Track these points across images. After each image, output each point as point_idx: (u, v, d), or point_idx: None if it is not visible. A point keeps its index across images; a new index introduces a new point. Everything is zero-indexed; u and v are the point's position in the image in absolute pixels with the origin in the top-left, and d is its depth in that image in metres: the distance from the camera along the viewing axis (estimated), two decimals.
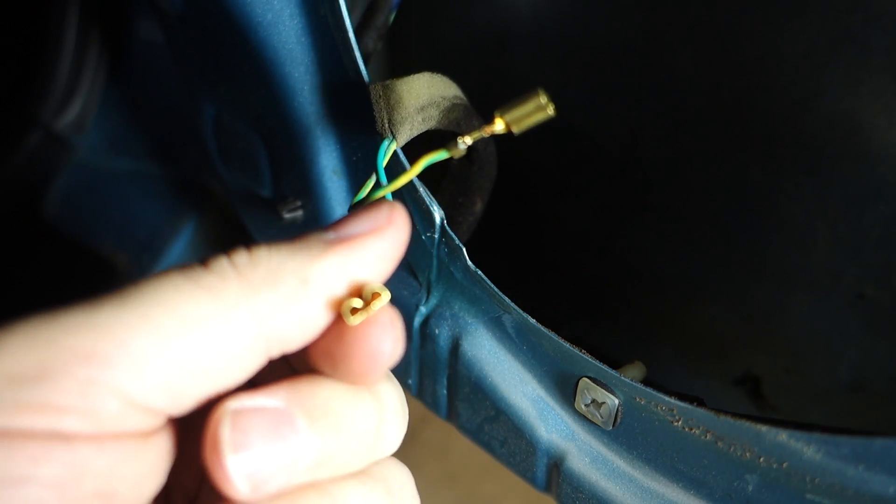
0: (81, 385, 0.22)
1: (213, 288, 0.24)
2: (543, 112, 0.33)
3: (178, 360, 0.24)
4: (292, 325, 0.26)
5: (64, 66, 0.74)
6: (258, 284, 0.25)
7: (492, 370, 0.45)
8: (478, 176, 0.47)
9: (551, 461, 0.44)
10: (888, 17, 0.50)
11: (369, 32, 0.46)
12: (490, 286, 0.42)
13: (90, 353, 0.22)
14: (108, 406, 0.23)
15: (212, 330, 0.24)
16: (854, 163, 0.53)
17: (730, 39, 0.56)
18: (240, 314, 0.25)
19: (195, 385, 0.24)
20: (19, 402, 0.22)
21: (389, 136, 0.37)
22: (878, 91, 0.51)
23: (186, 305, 0.24)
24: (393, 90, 0.37)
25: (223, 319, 0.24)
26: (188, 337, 0.24)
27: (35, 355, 0.22)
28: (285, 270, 0.26)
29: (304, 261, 0.26)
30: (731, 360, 0.60)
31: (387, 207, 0.28)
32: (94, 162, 0.81)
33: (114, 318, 0.23)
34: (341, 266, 0.27)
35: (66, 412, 0.22)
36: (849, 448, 0.31)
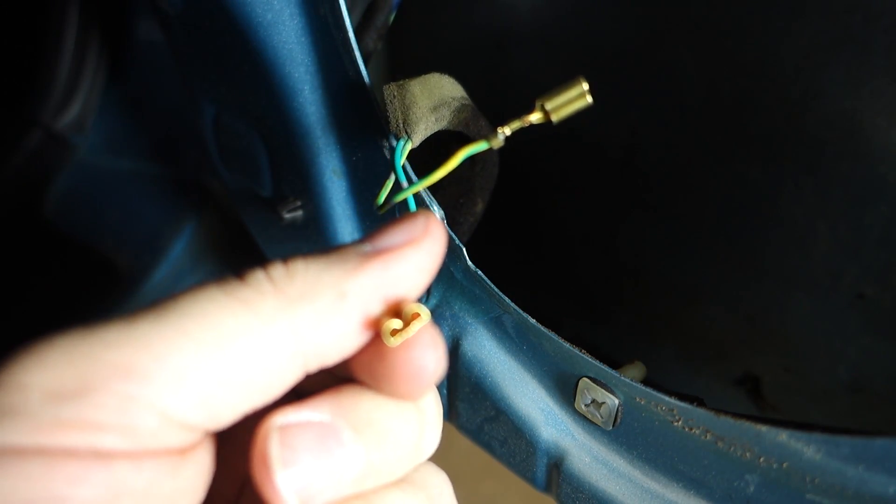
0: (120, 401, 0.22)
1: (250, 301, 0.24)
2: (583, 100, 0.33)
3: (217, 376, 0.23)
4: (330, 340, 0.26)
5: (64, 66, 0.74)
6: (295, 298, 0.25)
7: (492, 370, 0.45)
8: (480, 177, 0.47)
9: (551, 461, 0.44)
10: (888, 17, 0.50)
11: (369, 32, 0.46)
12: (490, 286, 0.42)
13: (129, 367, 0.22)
14: (147, 422, 0.22)
15: (250, 344, 0.24)
16: (854, 163, 0.53)
17: (730, 39, 0.56)
18: (277, 328, 0.24)
19: (233, 400, 0.24)
20: (59, 420, 0.21)
21: (405, 136, 0.37)
22: (878, 91, 0.51)
23: (224, 319, 0.24)
24: (408, 90, 0.37)
25: (261, 334, 0.24)
26: (226, 351, 0.23)
27: (74, 370, 0.22)
28: (322, 284, 0.25)
29: (340, 274, 0.26)
30: (731, 360, 0.60)
31: (423, 218, 0.27)
32: (94, 162, 0.81)
33: (152, 333, 0.23)
34: (379, 279, 0.26)
35: (105, 429, 0.22)
36: (849, 448, 0.31)
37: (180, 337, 0.23)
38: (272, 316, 0.24)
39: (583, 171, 0.66)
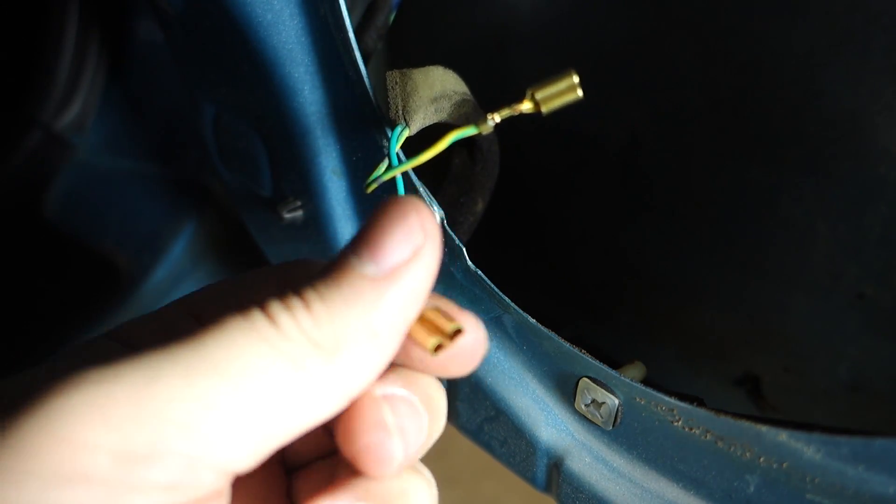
0: (185, 462, 0.23)
1: (294, 359, 0.25)
2: (574, 93, 0.33)
3: (268, 432, 0.25)
4: (370, 376, 0.27)
5: (64, 66, 0.74)
6: (333, 349, 0.26)
7: (492, 370, 0.45)
8: (481, 176, 0.47)
9: (551, 461, 0.44)
10: (888, 17, 0.50)
11: (369, 32, 0.46)
12: (490, 286, 0.42)
13: (191, 428, 0.23)
14: (207, 479, 0.24)
15: (298, 398, 0.25)
16: (854, 163, 0.53)
17: (730, 39, 0.56)
18: (323, 384, 0.25)
19: (276, 446, 0.26)
20: (132, 484, 0.23)
21: (403, 123, 0.37)
22: (878, 91, 0.51)
23: (278, 380, 0.25)
24: (410, 78, 0.38)
25: (308, 389, 0.25)
26: (276, 406, 0.25)
27: (142, 433, 0.23)
28: (352, 328, 0.26)
29: (364, 313, 0.26)
30: (731, 360, 0.60)
31: (416, 217, 0.27)
32: (94, 162, 0.81)
33: (213, 391, 0.24)
34: (402, 305, 0.27)
35: (171, 489, 0.23)
36: (849, 448, 0.31)
37: (236, 394, 0.24)
38: (319, 373, 0.25)
39: (583, 171, 0.66)
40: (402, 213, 0.27)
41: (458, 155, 0.48)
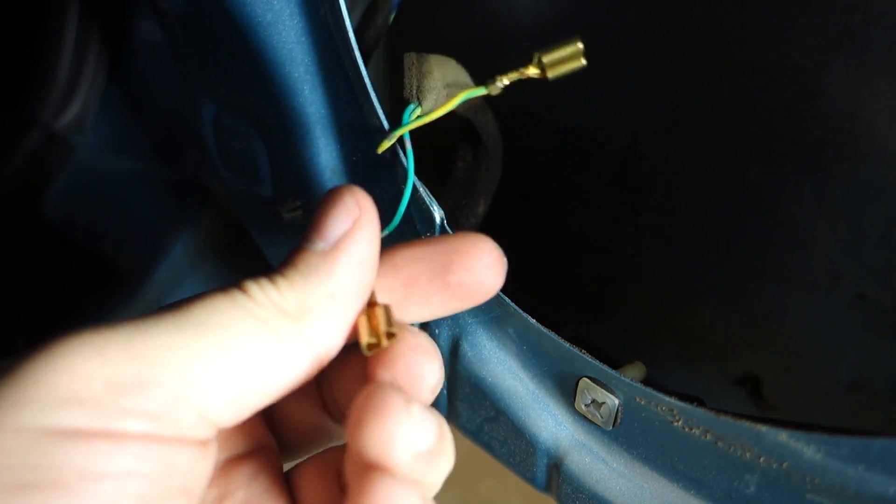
0: (171, 397, 0.26)
1: (265, 320, 0.29)
2: (578, 60, 0.35)
3: (247, 386, 0.28)
4: (335, 338, 0.30)
5: (64, 66, 0.74)
6: (296, 313, 0.29)
7: (492, 370, 0.45)
8: (483, 178, 0.47)
9: (551, 461, 0.44)
10: (888, 17, 0.50)
11: (369, 32, 0.46)
12: None
13: (180, 370, 0.26)
14: (189, 418, 0.27)
15: (272, 357, 0.29)
16: (854, 163, 0.53)
17: (730, 39, 0.56)
18: (292, 341, 0.29)
19: (255, 405, 0.29)
20: (122, 408, 0.25)
21: (416, 101, 0.39)
22: (878, 91, 0.51)
23: (253, 338, 0.28)
24: (426, 61, 0.39)
25: (280, 348, 0.29)
26: (255, 363, 0.28)
27: (134, 367, 0.26)
28: (311, 295, 0.30)
29: (320, 281, 0.30)
30: (731, 360, 0.60)
31: (350, 197, 0.31)
32: (94, 162, 0.81)
33: (197, 343, 0.27)
34: (351, 270, 0.31)
35: (158, 418, 0.26)
36: (849, 448, 0.31)
37: (221, 351, 0.27)
38: (289, 335, 0.29)
39: (583, 171, 0.66)
40: (338, 195, 0.31)
41: (463, 156, 0.48)
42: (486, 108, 0.43)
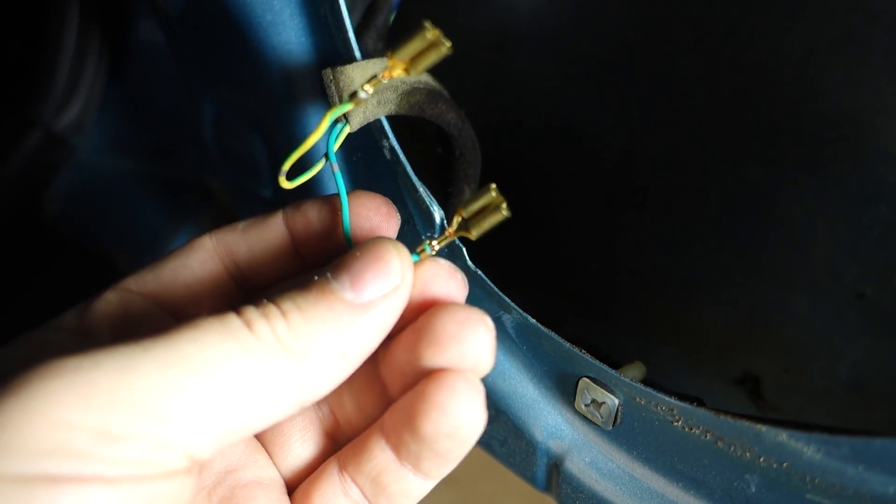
0: (157, 444, 0.26)
1: (263, 359, 0.28)
2: (437, 50, 0.32)
3: (230, 425, 0.27)
4: (328, 388, 0.30)
5: (64, 66, 0.74)
6: (300, 356, 0.28)
7: (492, 370, 0.45)
8: (461, 163, 0.46)
9: (551, 461, 0.44)
10: (888, 17, 0.50)
11: (369, 32, 0.46)
12: (490, 286, 0.42)
13: (168, 417, 0.26)
14: (173, 460, 0.27)
15: (261, 398, 0.28)
16: (854, 163, 0.53)
17: (730, 39, 0.56)
18: (286, 385, 0.28)
19: (239, 439, 0.28)
20: (108, 457, 0.25)
21: (343, 121, 0.37)
22: (878, 91, 0.51)
23: (247, 379, 0.27)
24: (343, 73, 0.37)
25: (272, 389, 0.28)
26: (240, 402, 0.27)
27: (121, 415, 0.25)
28: (323, 343, 0.29)
29: (336, 332, 0.29)
30: (731, 360, 0.60)
31: (398, 262, 0.30)
32: (94, 162, 0.81)
33: (187, 385, 0.26)
34: (371, 335, 0.30)
35: (145, 464, 0.26)
36: (849, 448, 0.31)
37: (206, 389, 0.27)
38: (282, 373, 0.28)
39: (582, 171, 0.66)
40: (386, 254, 0.30)
41: (436, 147, 0.47)
42: (436, 98, 0.41)
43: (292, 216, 0.37)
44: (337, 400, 0.37)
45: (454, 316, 0.31)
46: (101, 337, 0.33)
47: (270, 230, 0.37)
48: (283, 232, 0.37)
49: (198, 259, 0.36)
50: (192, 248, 0.37)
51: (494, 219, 0.33)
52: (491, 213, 0.33)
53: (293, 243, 0.37)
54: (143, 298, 0.35)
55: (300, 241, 0.37)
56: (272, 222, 0.37)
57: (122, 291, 0.35)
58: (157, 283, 0.35)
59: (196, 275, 0.36)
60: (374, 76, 0.34)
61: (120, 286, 0.35)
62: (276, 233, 0.37)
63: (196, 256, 0.36)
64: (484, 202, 0.33)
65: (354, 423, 0.36)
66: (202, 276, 0.36)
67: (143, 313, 0.35)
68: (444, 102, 0.41)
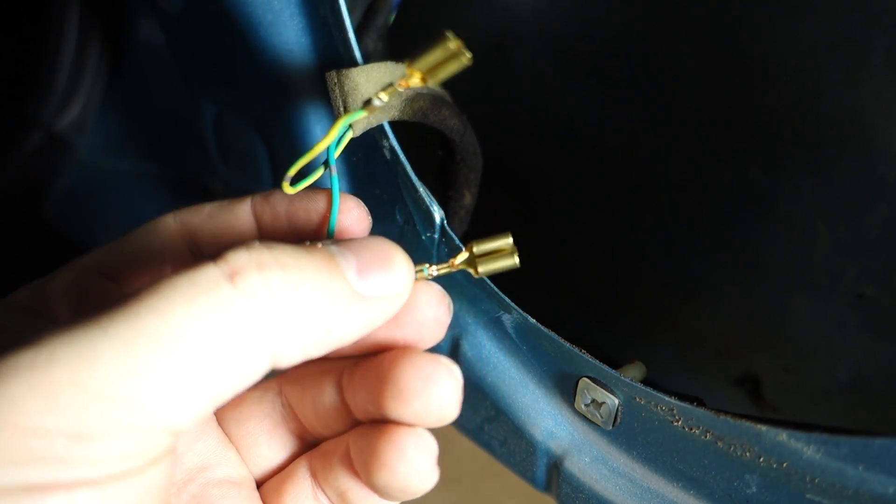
0: (136, 434, 0.24)
1: (240, 314, 0.25)
2: (457, 60, 0.31)
3: (208, 394, 0.25)
4: (301, 360, 0.28)
5: (64, 66, 0.74)
6: (285, 320, 0.26)
7: (492, 370, 0.45)
8: (462, 168, 0.46)
9: (551, 461, 0.44)
10: (888, 17, 0.50)
11: (369, 33, 0.46)
12: (490, 286, 0.42)
13: (134, 401, 0.24)
14: (155, 443, 0.25)
15: (236, 359, 0.26)
16: (854, 163, 0.53)
17: (730, 39, 0.56)
18: (262, 344, 0.26)
19: (218, 405, 0.26)
20: (88, 459, 0.24)
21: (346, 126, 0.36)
22: (878, 91, 0.51)
23: (213, 339, 0.25)
24: (348, 77, 0.36)
25: (247, 348, 0.26)
26: (216, 370, 0.25)
27: (93, 413, 0.23)
28: (313, 314, 0.27)
29: (332, 309, 0.27)
30: (731, 360, 0.60)
31: (405, 272, 0.30)
32: (94, 162, 0.81)
33: (150, 362, 0.24)
34: (361, 327, 0.29)
35: (128, 458, 0.24)
36: (848, 448, 0.31)
37: (173, 361, 0.24)
38: (258, 330, 0.26)
39: (583, 171, 0.66)
40: (395, 257, 0.30)
41: (437, 151, 0.47)
42: (438, 104, 0.40)
43: (261, 205, 0.35)
44: (301, 410, 0.36)
45: (420, 371, 0.30)
46: (56, 315, 0.32)
47: (237, 217, 0.35)
48: (250, 220, 0.35)
49: (159, 240, 0.35)
50: (153, 229, 0.35)
51: (504, 265, 0.33)
52: (502, 258, 0.33)
53: (259, 233, 0.36)
54: (100, 277, 0.34)
55: (266, 232, 0.36)
56: (239, 209, 0.35)
57: (78, 270, 0.34)
58: (116, 263, 0.34)
59: (156, 256, 0.35)
60: (389, 84, 0.33)
61: (76, 265, 0.34)
62: (243, 220, 0.35)
63: (157, 237, 0.35)
64: (497, 246, 0.33)
65: (320, 431, 0.36)
66: (162, 258, 0.35)
67: (100, 292, 0.33)
68: (447, 108, 0.41)
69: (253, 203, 0.36)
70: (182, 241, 0.35)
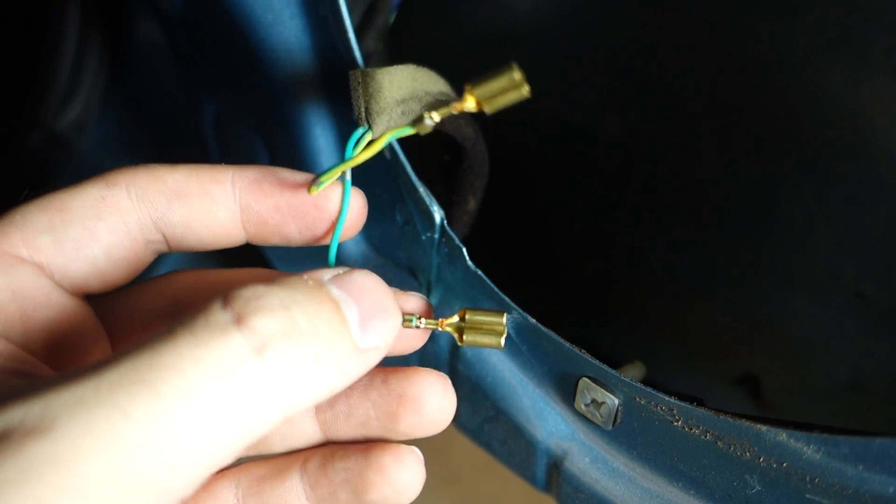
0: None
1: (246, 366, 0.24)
2: (518, 91, 0.30)
3: (220, 461, 0.24)
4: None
5: (64, 66, 0.74)
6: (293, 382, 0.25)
7: (492, 370, 0.45)
8: (468, 174, 0.46)
9: (551, 461, 0.44)
10: (888, 17, 0.50)
11: (369, 32, 0.46)
12: (490, 286, 0.42)
13: (160, 491, 0.23)
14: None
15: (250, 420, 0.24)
16: (854, 163, 0.53)
17: (730, 39, 0.56)
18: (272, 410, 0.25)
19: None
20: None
21: (365, 125, 0.36)
22: (878, 91, 0.51)
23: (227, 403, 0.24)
24: (373, 78, 0.36)
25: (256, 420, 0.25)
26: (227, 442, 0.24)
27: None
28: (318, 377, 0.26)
29: (335, 368, 0.27)
30: (731, 360, 0.60)
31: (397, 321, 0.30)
32: (94, 162, 0.81)
33: (181, 454, 0.23)
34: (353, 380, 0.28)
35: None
36: (848, 448, 0.31)
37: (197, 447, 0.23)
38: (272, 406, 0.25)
39: (582, 171, 0.66)
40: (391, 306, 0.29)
41: (444, 155, 0.47)
42: (456, 115, 0.41)
43: (247, 191, 0.33)
44: None
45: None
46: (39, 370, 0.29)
47: (214, 200, 0.33)
48: (231, 207, 0.33)
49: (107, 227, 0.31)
50: (103, 210, 0.31)
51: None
52: (491, 335, 0.33)
53: (242, 217, 0.33)
54: (34, 272, 0.30)
55: (250, 218, 0.33)
56: (217, 192, 0.33)
57: (8, 257, 0.30)
58: (55, 254, 0.30)
59: (106, 248, 0.31)
60: (444, 104, 0.33)
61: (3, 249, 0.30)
62: (222, 205, 0.33)
63: (107, 223, 0.31)
64: (490, 322, 0.33)
65: None
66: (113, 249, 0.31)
67: (39, 295, 0.30)
68: (462, 117, 0.41)
69: (234, 185, 0.33)
70: (136, 224, 0.32)
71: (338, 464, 0.33)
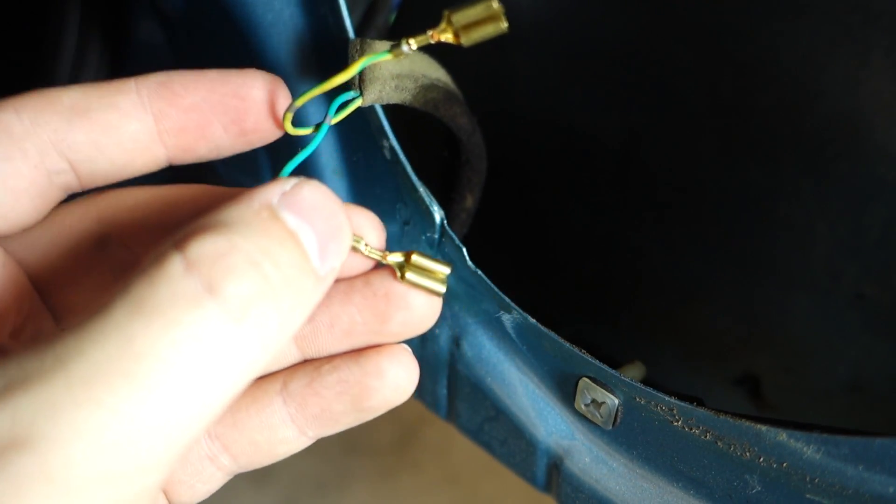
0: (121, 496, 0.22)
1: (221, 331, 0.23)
2: (496, 24, 0.30)
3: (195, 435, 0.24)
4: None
5: (65, 67, 0.74)
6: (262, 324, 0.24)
7: (492, 370, 0.45)
8: (466, 170, 0.46)
9: (551, 461, 0.44)
10: (888, 17, 0.50)
11: (370, 32, 0.46)
12: (490, 286, 0.42)
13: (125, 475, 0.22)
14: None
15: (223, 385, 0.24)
16: (854, 163, 0.53)
17: (730, 39, 0.56)
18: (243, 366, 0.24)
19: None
20: None
21: (357, 90, 0.35)
22: (878, 91, 0.51)
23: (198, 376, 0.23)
24: (371, 47, 0.35)
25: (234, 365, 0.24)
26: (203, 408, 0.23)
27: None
28: (287, 311, 0.25)
29: (304, 304, 0.26)
30: (731, 360, 0.60)
31: (350, 235, 0.28)
32: None
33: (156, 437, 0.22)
34: (314, 304, 0.27)
35: None
36: (848, 448, 0.31)
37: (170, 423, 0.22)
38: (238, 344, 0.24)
39: (582, 171, 0.66)
40: (343, 222, 0.27)
41: (441, 150, 0.47)
42: (452, 100, 0.40)
43: (156, 94, 0.30)
44: None
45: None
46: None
47: (122, 111, 0.30)
48: (141, 114, 0.30)
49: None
50: None
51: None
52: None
53: (159, 133, 0.31)
54: None
55: (168, 129, 0.31)
56: (123, 102, 0.29)
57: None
58: None
59: (2, 179, 0.28)
60: (422, 33, 0.31)
61: None
62: (130, 113, 0.30)
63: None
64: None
65: None
66: (10, 180, 0.29)
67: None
68: (458, 106, 0.41)
69: (141, 91, 0.30)
70: (35, 153, 0.29)
71: (328, 377, 0.32)
